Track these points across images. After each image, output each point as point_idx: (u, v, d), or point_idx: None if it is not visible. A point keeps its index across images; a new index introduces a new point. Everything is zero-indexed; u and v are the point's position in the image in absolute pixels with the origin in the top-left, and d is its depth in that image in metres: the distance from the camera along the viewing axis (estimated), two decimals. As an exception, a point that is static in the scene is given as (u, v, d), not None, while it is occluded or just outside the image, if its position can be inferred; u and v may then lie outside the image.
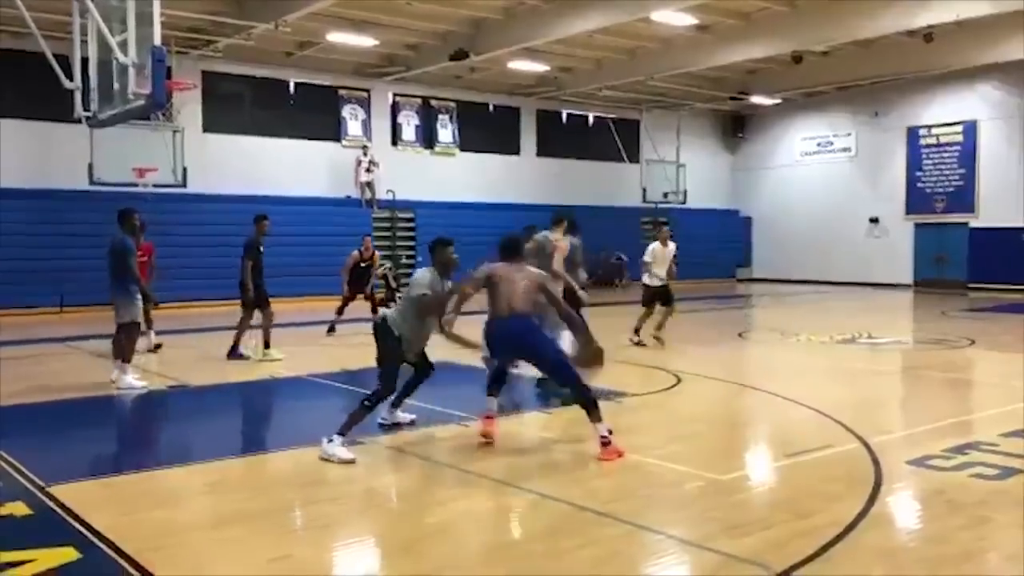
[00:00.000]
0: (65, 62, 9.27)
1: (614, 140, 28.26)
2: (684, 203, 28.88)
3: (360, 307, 15.14)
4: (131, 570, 4.40)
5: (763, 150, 31.95)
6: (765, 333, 16.21)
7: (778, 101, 28.74)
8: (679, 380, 10.05)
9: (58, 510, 5.37)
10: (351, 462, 6.49)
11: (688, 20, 19.26)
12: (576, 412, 7.97)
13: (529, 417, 8.13)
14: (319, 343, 13.88)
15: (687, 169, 29.07)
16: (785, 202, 30.78)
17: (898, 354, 13.24)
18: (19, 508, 5.41)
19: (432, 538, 5.01)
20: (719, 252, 30.72)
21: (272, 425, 8.48)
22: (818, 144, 30.16)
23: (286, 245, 21.65)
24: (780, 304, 23.02)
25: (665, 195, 28.46)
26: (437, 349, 7.74)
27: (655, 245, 13.32)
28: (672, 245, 13.40)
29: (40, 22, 10.37)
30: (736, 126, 32.21)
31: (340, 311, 14.81)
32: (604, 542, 4.86)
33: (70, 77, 8.56)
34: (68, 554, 4.61)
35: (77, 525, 5.08)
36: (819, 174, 29.92)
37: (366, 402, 6.86)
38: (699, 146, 31.02)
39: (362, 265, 15.06)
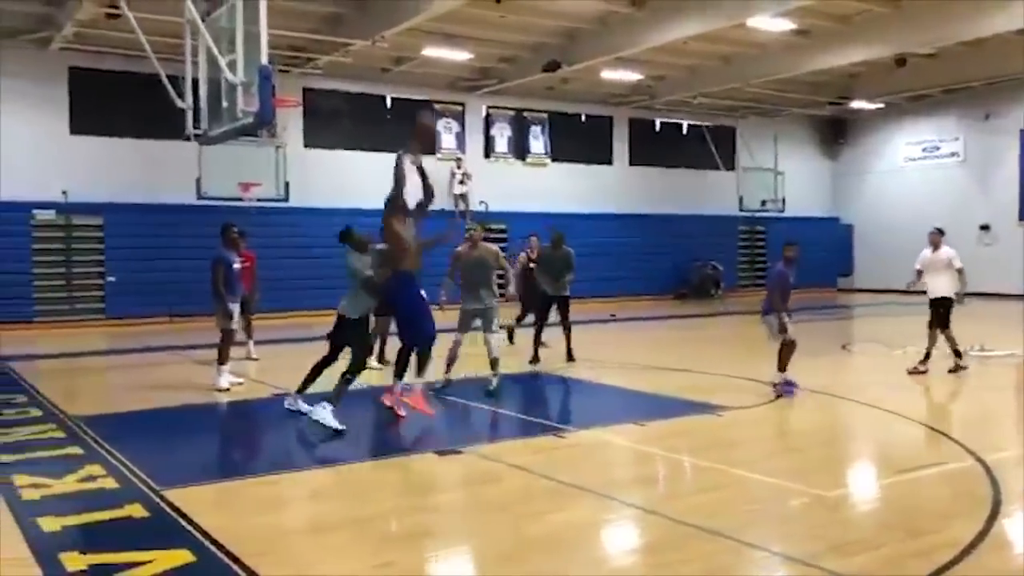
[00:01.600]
0: (176, 82, 9.69)
1: (709, 148, 27.83)
2: (783, 211, 28.21)
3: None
4: (242, 574, 4.54)
5: (865, 156, 30.98)
6: (869, 345, 15.69)
7: (881, 105, 27.84)
8: (780, 393, 9.81)
9: (172, 513, 5.58)
10: (341, 433, 7.31)
11: (786, 25, 18.85)
12: (671, 424, 7.89)
13: (621, 429, 8.06)
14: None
15: (785, 176, 28.39)
16: (889, 209, 29.75)
17: (1012, 368, 12.61)
18: (137, 510, 5.65)
19: (533, 549, 5.00)
20: (819, 261, 29.83)
21: (372, 434, 8.62)
22: (923, 149, 29.07)
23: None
24: (884, 315, 22.23)
25: (763, 203, 27.86)
26: (521, 362, 7.74)
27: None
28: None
29: (152, 45, 10.87)
30: (836, 131, 31.32)
31: (520, 318, 14.42)
32: (708, 558, 4.77)
33: (182, 97, 8.94)
34: (183, 556, 4.79)
35: (190, 528, 5.27)
36: (925, 180, 28.82)
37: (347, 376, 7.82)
38: (798, 152, 30.29)
39: (531, 267, 14.39)
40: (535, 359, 12.35)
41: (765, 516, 5.62)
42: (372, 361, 11.70)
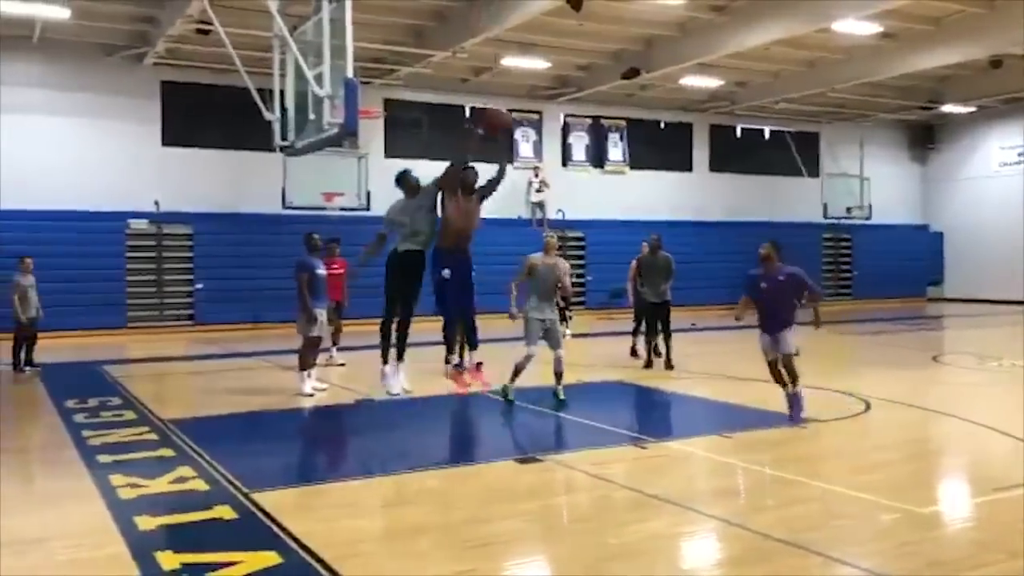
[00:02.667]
0: (263, 95, 9.95)
1: (792, 154, 27.28)
2: (869, 218, 27.49)
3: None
4: (328, 577, 4.62)
5: (956, 161, 29.97)
6: (961, 357, 15.14)
7: (973, 109, 26.89)
8: (868, 406, 9.54)
9: (259, 515, 5.71)
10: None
11: (873, 28, 18.38)
12: (754, 436, 7.75)
13: (703, 440, 7.94)
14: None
15: (872, 182, 27.67)
16: (981, 216, 28.70)
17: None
18: (226, 512, 5.80)
19: (616, 561, 4.96)
20: (908, 269, 29.03)
21: (453, 440, 8.70)
22: (1019, 153, 27.96)
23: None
24: (976, 325, 21.42)
25: (848, 210, 27.20)
26: (604, 370, 7.71)
27: None
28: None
29: (241, 59, 11.20)
30: (925, 136, 30.38)
31: (636, 331, 14.11)
32: (795, 572, 4.66)
33: (270, 109, 9.18)
34: (271, 558, 4.89)
35: (277, 530, 5.39)
36: (1020, 185, 27.73)
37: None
38: (884, 158, 29.48)
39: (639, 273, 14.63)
40: (648, 363, 12.45)
41: (854, 531, 5.46)
42: None
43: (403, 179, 8.94)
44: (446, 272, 8.41)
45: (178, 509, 5.85)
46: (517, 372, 9.66)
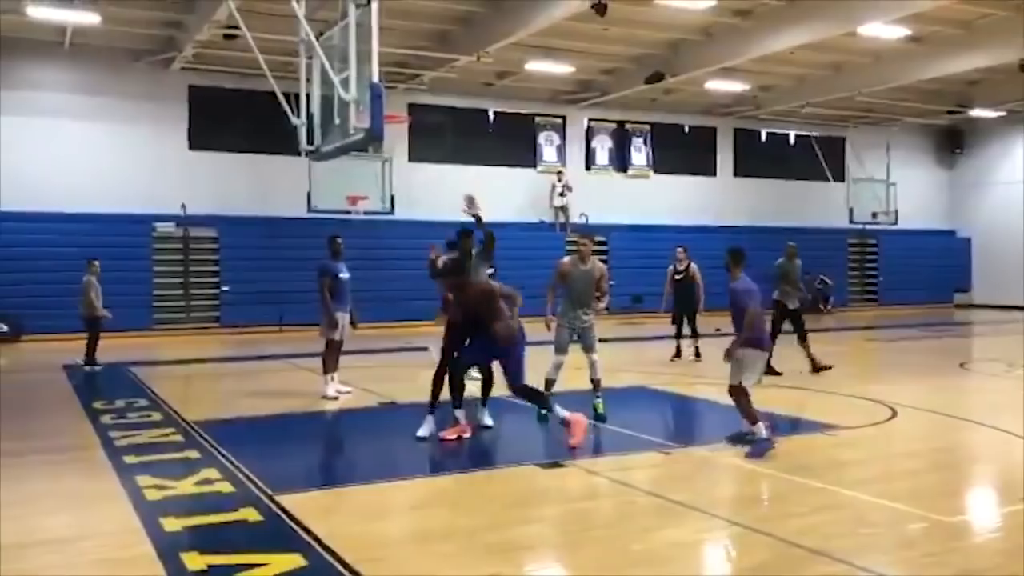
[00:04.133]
0: (289, 100, 10.02)
1: (817, 158, 27.10)
2: (895, 223, 27.24)
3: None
4: (353, 579, 4.64)
5: (984, 166, 29.64)
6: (989, 364, 14.95)
7: (1002, 113, 26.58)
8: (894, 413, 9.44)
9: (285, 518, 5.74)
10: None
11: (900, 32, 18.23)
12: (779, 443, 7.69)
13: (725, 447, 7.89)
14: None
15: (898, 187, 27.41)
16: (1009, 221, 28.34)
17: None
18: (251, 514, 5.84)
19: (639, 567, 4.95)
20: (935, 275, 28.75)
21: (475, 444, 8.68)
22: (1049, 158, 27.63)
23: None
24: (1005, 332, 21.15)
25: (874, 215, 26.95)
26: (630, 374, 7.69)
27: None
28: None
29: (268, 64, 11.29)
30: (953, 141, 30.08)
31: (678, 333, 14.56)
32: (820, 582, 4.63)
33: (296, 114, 9.25)
34: (295, 560, 4.92)
35: (302, 533, 5.42)
36: (1051, 191, 27.39)
37: None
38: (911, 163, 29.21)
39: (676, 278, 14.62)
40: (774, 371, 11.85)
41: (881, 540, 5.41)
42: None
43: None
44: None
45: (204, 511, 5.90)
46: (548, 385, 9.29)
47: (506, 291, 8.09)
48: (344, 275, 10.89)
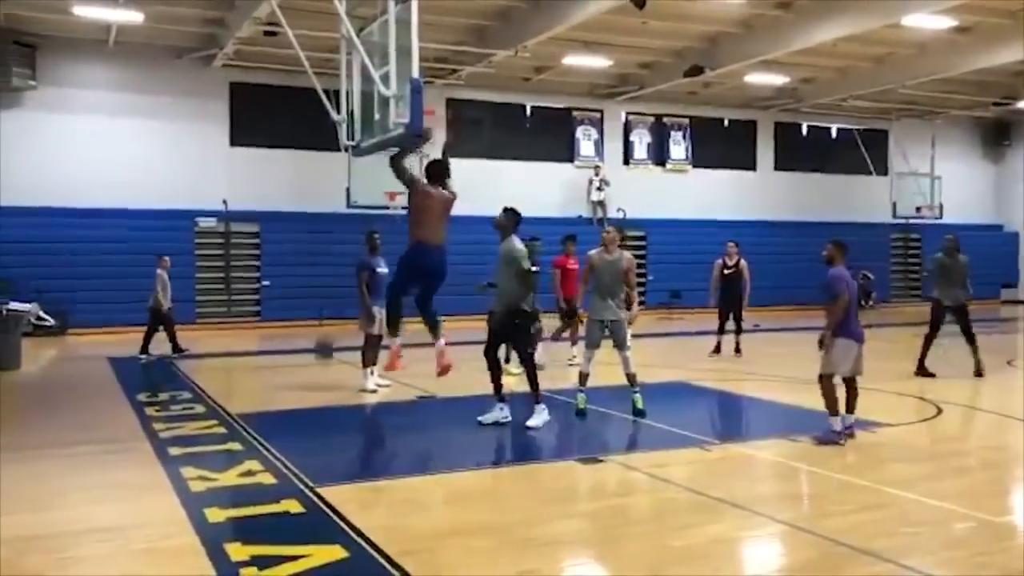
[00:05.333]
0: (329, 96, 10.08)
1: (860, 152, 26.68)
2: (940, 218, 26.73)
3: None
4: (393, 572, 4.66)
5: (1032, 159, 29.01)
6: (1038, 361, 14.64)
7: (1052, 104, 25.99)
8: (940, 410, 9.29)
9: (326, 510, 5.79)
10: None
11: (946, 22, 17.87)
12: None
13: (769, 443, 7.82)
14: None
15: (943, 181, 26.92)
16: (1060, 216, 27.75)
17: None
18: (293, 505, 5.90)
19: (680, 564, 4.92)
20: (981, 271, 27.92)
21: (513, 439, 8.69)
22: (1100, 151, 26.94)
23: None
24: (1054, 329, 20.71)
25: (918, 209, 26.50)
26: (672, 370, 7.64)
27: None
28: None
29: (308, 60, 11.36)
30: (1000, 133, 29.44)
31: (721, 328, 14.37)
32: (865, 581, 4.57)
33: (336, 110, 9.29)
34: (337, 552, 4.97)
35: (343, 525, 5.46)
36: (1102, 184, 26.72)
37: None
38: (957, 156, 28.65)
39: (726, 272, 14.46)
40: (925, 372, 11.73)
41: (927, 540, 5.33)
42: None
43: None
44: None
45: (247, 502, 5.97)
46: (583, 377, 9.25)
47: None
48: (382, 270, 10.97)
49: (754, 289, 14.47)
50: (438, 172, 8.69)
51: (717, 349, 14.28)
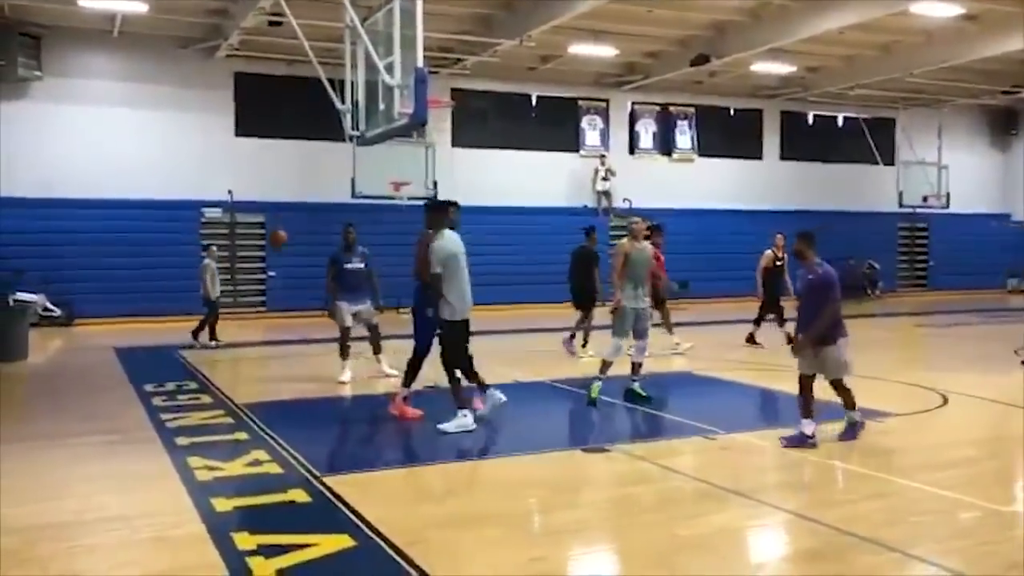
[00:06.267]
0: (334, 86, 10.08)
1: (866, 141, 26.57)
2: (947, 207, 26.64)
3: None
4: (400, 561, 4.68)
5: (1040, 148, 28.87)
6: (1045, 350, 14.58)
7: (1059, 93, 25.84)
8: (945, 400, 9.27)
9: (333, 499, 5.81)
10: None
11: (953, 10, 17.75)
12: (827, 429, 7.59)
13: (774, 432, 7.81)
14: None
15: (950, 170, 26.80)
16: (1068, 205, 27.63)
17: None
18: (300, 495, 5.92)
19: (687, 552, 4.93)
20: (987, 260, 28.08)
21: (520, 428, 8.71)
22: (1108, 139, 26.80)
23: (524, 254, 22.35)
24: (1061, 318, 20.62)
25: (925, 199, 26.39)
26: (675, 361, 7.63)
27: None
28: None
29: (313, 50, 11.36)
30: (1008, 122, 29.31)
31: (758, 320, 14.17)
32: (872, 569, 4.57)
33: (341, 100, 9.30)
34: (344, 541, 4.98)
35: (349, 514, 5.48)
36: (1110, 173, 26.59)
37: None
38: (964, 145, 28.52)
39: (777, 264, 14.29)
40: None
41: (932, 529, 5.33)
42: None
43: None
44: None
45: (253, 491, 5.99)
46: (606, 366, 9.13)
47: None
48: (351, 265, 10.88)
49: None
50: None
51: (752, 339, 13.94)
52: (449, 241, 7.97)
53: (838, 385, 7.43)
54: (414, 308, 8.65)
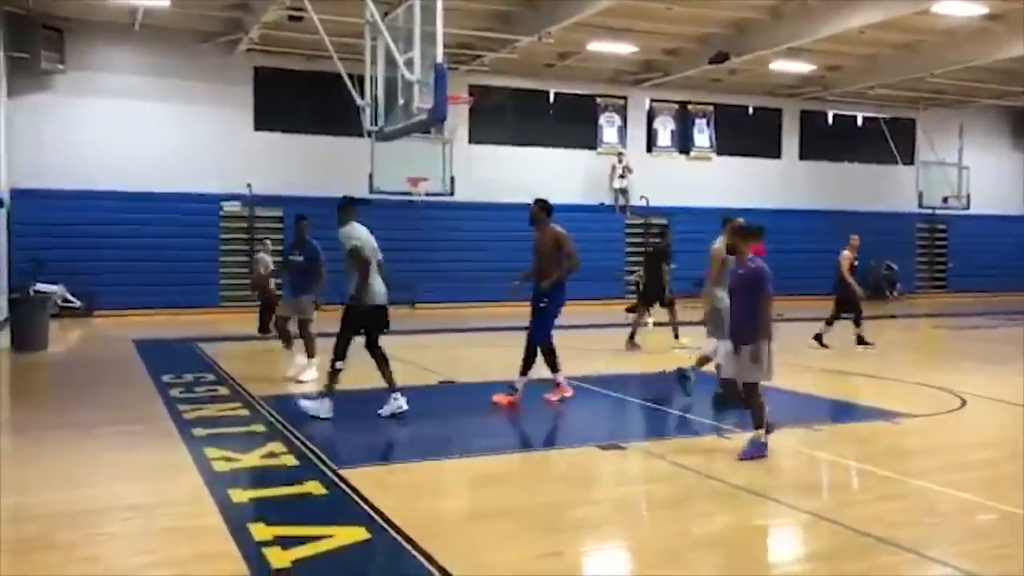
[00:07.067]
0: (353, 81, 10.11)
1: (886, 141, 26.42)
2: (967, 208, 26.47)
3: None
4: (415, 554, 4.70)
5: (1064, 149, 28.60)
6: (1065, 354, 14.46)
7: (1084, 94, 25.59)
8: (964, 402, 9.21)
9: (348, 491, 5.84)
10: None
11: (976, 9, 17.62)
12: (844, 430, 7.58)
13: (791, 432, 7.79)
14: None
15: (971, 171, 26.61)
16: (1090, 207, 27.36)
17: None
18: (315, 487, 5.95)
19: (700, 550, 4.93)
20: (1010, 262, 27.86)
21: (534, 424, 8.73)
22: None
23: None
24: (1082, 322, 20.42)
25: (945, 200, 26.23)
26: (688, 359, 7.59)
27: None
28: None
29: (332, 45, 11.39)
30: (1030, 123, 29.09)
31: (831, 320, 13.97)
32: (888, 570, 4.56)
33: (361, 95, 9.33)
34: (359, 533, 5.01)
35: (365, 507, 5.50)
36: None
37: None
38: (985, 146, 28.29)
39: (854, 264, 14.19)
40: None
41: (948, 530, 5.30)
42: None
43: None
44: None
45: (270, 483, 6.04)
46: (706, 361, 8.89)
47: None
48: (293, 258, 11.00)
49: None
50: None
51: (820, 339, 13.65)
52: (366, 232, 8.70)
53: (751, 393, 6.88)
54: (534, 300, 8.89)
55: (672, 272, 14.29)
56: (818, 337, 13.64)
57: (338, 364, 8.29)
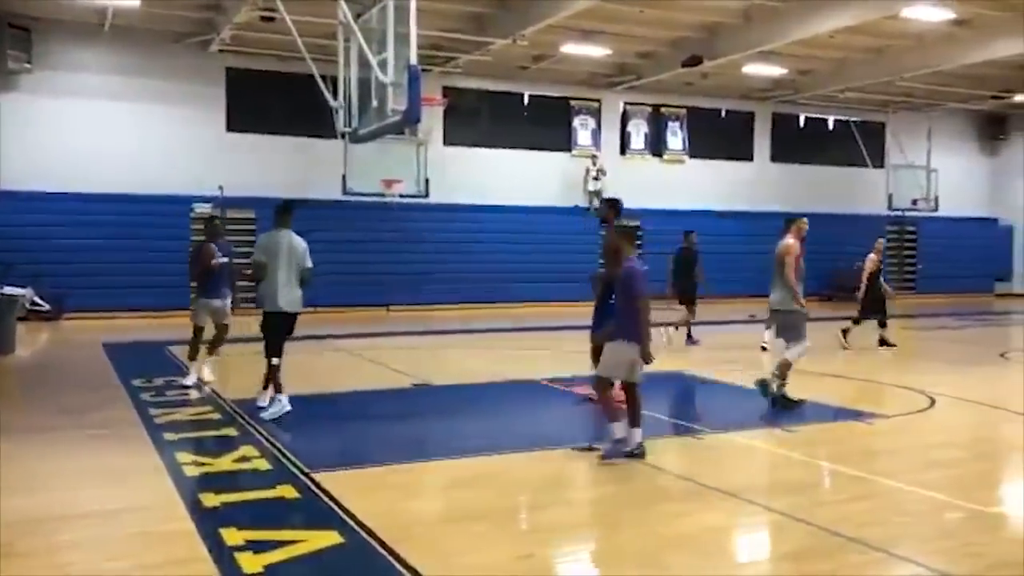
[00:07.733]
0: (326, 82, 10.07)
1: (856, 144, 26.71)
2: (935, 210, 26.80)
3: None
4: (388, 557, 4.69)
5: (1028, 153, 29.04)
6: (1031, 354, 14.69)
7: (1048, 99, 26.00)
8: (933, 402, 9.33)
9: (321, 495, 5.81)
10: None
11: (944, 15, 17.85)
12: (816, 430, 7.63)
13: (763, 432, 7.86)
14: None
15: (939, 174, 26.97)
16: (1055, 210, 27.82)
17: None
18: (288, 491, 5.92)
19: (671, 550, 4.95)
20: (975, 264, 28.27)
21: (510, 426, 8.73)
22: (1096, 145, 27.00)
23: (516, 253, 22.39)
24: (1048, 322, 20.79)
25: (914, 202, 26.55)
26: (677, 360, 7.63)
27: None
28: None
29: (305, 46, 11.35)
30: (996, 127, 29.49)
31: (858, 320, 14.30)
32: (857, 568, 4.60)
33: (334, 96, 9.29)
34: (332, 537, 4.98)
35: (338, 511, 5.48)
36: (1098, 178, 26.79)
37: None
38: (953, 149, 28.68)
39: (880, 266, 14.40)
40: None
41: (917, 529, 5.37)
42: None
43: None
44: None
45: (241, 487, 5.99)
46: (788, 368, 8.91)
47: None
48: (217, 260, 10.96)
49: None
50: None
51: (845, 336, 13.87)
52: (273, 238, 9.10)
53: (631, 392, 6.90)
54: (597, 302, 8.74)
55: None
56: (844, 332, 13.93)
57: (274, 361, 8.70)
